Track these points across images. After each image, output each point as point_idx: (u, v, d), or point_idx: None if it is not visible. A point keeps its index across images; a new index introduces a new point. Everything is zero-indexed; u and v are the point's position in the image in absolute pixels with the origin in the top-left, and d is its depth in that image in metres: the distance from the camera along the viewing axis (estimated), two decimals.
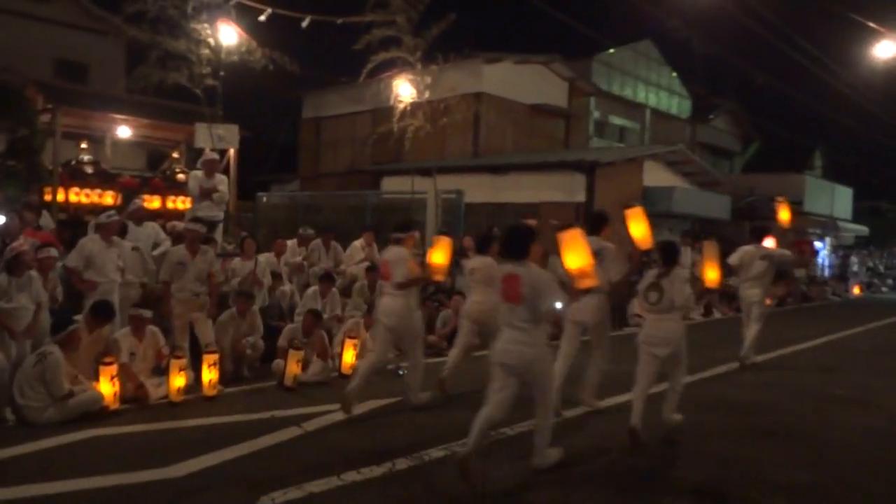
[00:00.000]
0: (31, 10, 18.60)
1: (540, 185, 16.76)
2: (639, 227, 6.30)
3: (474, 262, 7.30)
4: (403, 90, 17.15)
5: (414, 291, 6.79)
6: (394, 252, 6.70)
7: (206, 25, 12.16)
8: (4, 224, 7.99)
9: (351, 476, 4.82)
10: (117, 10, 12.63)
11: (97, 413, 6.12)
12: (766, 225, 10.52)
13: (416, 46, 13.93)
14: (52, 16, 19.16)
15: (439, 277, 6.86)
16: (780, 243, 9.64)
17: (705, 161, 23.65)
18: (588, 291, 5.07)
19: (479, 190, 16.13)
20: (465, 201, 14.52)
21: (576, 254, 4.88)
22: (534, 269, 4.83)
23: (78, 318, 6.80)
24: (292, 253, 10.78)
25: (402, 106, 17.34)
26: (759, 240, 9.47)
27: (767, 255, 9.29)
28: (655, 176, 18.73)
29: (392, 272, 6.59)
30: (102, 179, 12.21)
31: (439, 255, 6.53)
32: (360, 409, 6.60)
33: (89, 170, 12.21)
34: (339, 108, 23.46)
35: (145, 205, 10.20)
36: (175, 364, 6.75)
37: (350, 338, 8.32)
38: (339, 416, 6.36)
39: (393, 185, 18.75)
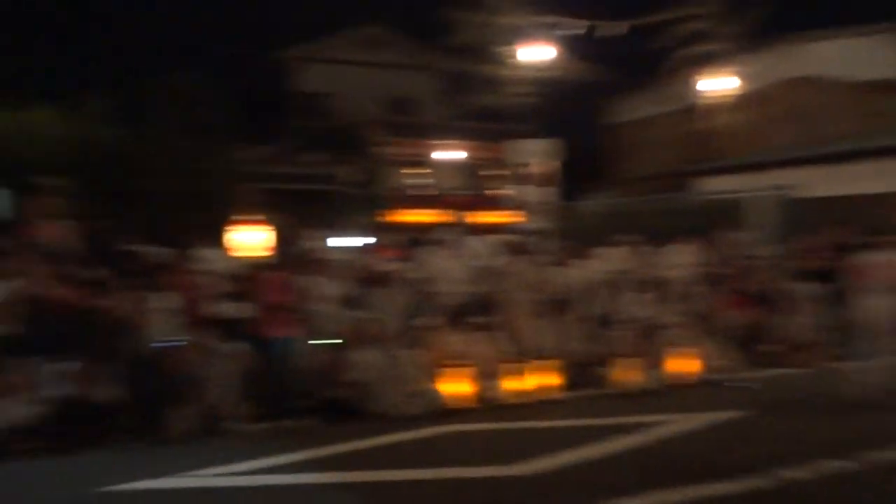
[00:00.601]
0: (369, 58, 22.37)
1: (888, 174, 14.50)
2: None
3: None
4: (714, 84, 16.19)
5: None
6: (881, 257, 7.11)
7: (515, 48, 12.82)
8: (366, 245, 9.27)
9: (699, 490, 4.62)
10: (436, 45, 13.98)
11: (445, 410, 6.71)
12: None
13: (727, 35, 13.10)
14: (384, 60, 22.75)
15: None
16: None
17: None
18: None
19: (810, 183, 14.48)
20: (796, 197, 13.20)
21: None
22: None
23: (424, 322, 7.56)
24: (614, 260, 10.72)
25: (713, 101, 16.40)
26: None
27: None
28: None
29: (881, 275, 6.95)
30: (435, 200, 13.54)
31: None
32: (700, 420, 6.38)
33: (423, 192, 13.64)
34: (642, 110, 23.08)
35: (473, 219, 11.02)
36: (514, 368, 7.15)
37: (672, 345, 8.05)
38: (676, 426, 6.20)
39: (707, 185, 17.75)
